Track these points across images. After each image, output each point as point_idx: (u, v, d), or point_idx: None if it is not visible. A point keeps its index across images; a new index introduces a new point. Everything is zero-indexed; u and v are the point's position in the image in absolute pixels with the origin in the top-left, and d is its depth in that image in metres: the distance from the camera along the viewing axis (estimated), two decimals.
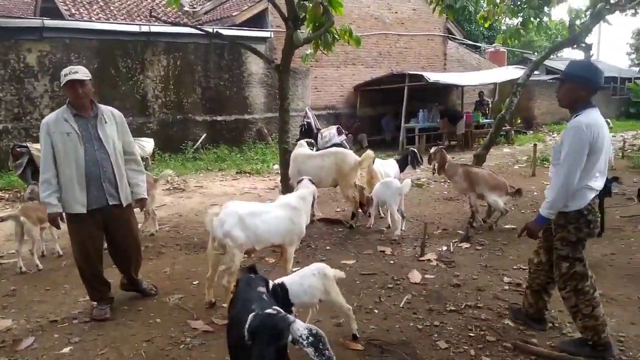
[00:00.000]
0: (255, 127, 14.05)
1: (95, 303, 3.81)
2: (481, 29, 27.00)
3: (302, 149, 7.06)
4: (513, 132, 16.47)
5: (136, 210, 4.10)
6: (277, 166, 11.17)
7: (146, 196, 3.97)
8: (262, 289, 2.57)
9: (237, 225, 3.84)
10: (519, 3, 10.03)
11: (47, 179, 3.51)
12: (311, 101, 15.07)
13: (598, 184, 3.06)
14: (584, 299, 3.10)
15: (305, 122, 14.45)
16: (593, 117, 2.95)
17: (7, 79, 10.49)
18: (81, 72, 3.54)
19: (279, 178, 8.66)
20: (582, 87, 3.00)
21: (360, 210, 6.56)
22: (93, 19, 13.41)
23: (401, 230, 6.09)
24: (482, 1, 11.21)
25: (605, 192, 6.54)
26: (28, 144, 8.45)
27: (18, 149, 8.28)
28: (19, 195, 8.81)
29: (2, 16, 13.35)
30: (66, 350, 3.34)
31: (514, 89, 10.04)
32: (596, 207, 3.13)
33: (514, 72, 16.03)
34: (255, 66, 13.83)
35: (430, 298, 4.15)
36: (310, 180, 4.58)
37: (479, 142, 15.01)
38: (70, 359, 3.25)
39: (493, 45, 21.66)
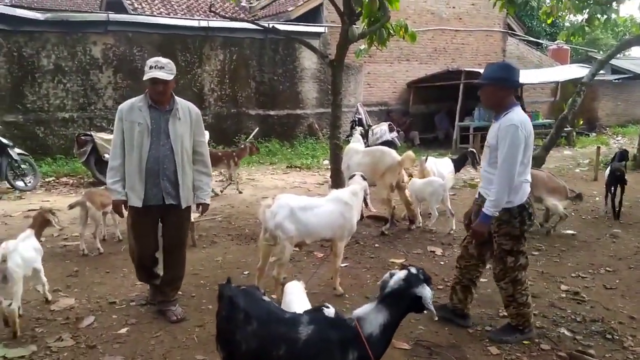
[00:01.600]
0: (307, 122, 14.13)
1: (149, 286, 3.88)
2: (543, 25, 25.92)
3: (354, 144, 7.00)
4: (575, 133, 15.73)
5: None
6: (327, 161, 11.20)
7: (209, 202, 3.79)
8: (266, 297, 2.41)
9: (288, 217, 3.87)
10: None
11: (114, 166, 3.48)
12: (363, 97, 14.99)
13: (529, 176, 3.24)
14: (520, 289, 3.26)
15: (357, 118, 14.39)
16: (522, 115, 3.10)
17: (74, 70, 11.05)
18: (166, 69, 3.38)
19: (328, 173, 8.68)
20: (500, 87, 3.12)
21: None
22: (155, 13, 13.91)
23: (451, 229, 5.96)
24: None
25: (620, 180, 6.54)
26: (92, 133, 8.88)
27: (83, 137, 8.72)
28: (82, 181, 9.30)
29: (71, 11, 14.09)
30: (123, 330, 3.50)
31: (577, 88, 9.62)
32: (532, 200, 3.29)
33: (577, 71, 15.28)
34: (308, 61, 13.90)
35: (482, 302, 4.04)
36: (362, 176, 4.55)
37: (538, 143, 14.46)
38: (127, 339, 3.40)
39: (556, 42, 20.73)
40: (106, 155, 8.41)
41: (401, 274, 2.27)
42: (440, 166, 6.97)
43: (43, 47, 10.66)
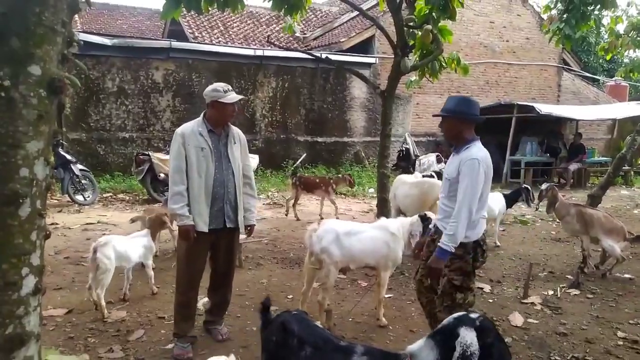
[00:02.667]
0: (354, 150, 14.22)
1: (176, 340, 3.55)
2: (600, 60, 25.20)
3: (405, 175, 6.98)
4: (633, 173, 15.03)
5: None
6: (372, 189, 11.19)
7: (255, 223, 3.86)
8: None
9: (334, 242, 3.91)
10: None
11: (179, 192, 3.42)
12: (411, 127, 14.96)
13: (485, 214, 3.22)
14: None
15: (404, 148, 14.36)
16: (482, 149, 3.06)
17: (137, 93, 11.66)
18: (235, 92, 3.55)
19: (373, 201, 8.66)
20: (459, 120, 3.09)
21: None
22: (214, 42, 14.52)
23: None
24: (603, 32, 10.52)
25: None
26: (150, 153, 9.29)
27: (141, 157, 9.13)
28: (137, 198, 9.69)
29: (136, 37, 14.95)
30: (170, 346, 3.59)
31: (637, 127, 9.24)
32: (485, 237, 3.21)
33: (636, 109, 14.70)
34: (358, 91, 14.07)
35: (533, 344, 3.88)
36: (425, 214, 4.33)
37: (594, 181, 13.91)
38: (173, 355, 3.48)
39: (613, 78, 20.07)
40: (162, 174, 8.77)
41: (457, 314, 2.19)
42: (490, 201, 6.78)
43: (109, 70, 11.34)
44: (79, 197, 8.99)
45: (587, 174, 14.45)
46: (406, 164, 14.21)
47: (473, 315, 2.14)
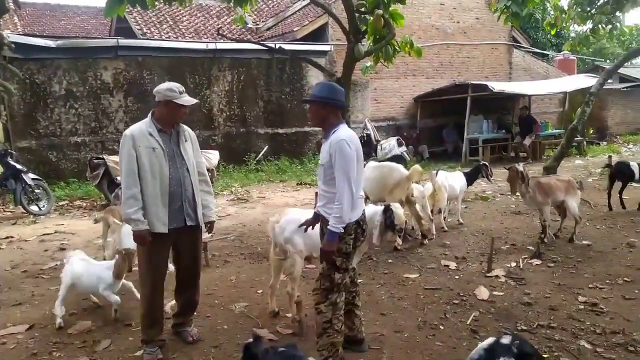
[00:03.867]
0: (315, 139, 14.19)
1: (145, 346, 3.46)
2: (548, 36, 26.00)
3: (373, 160, 7.02)
4: (585, 143, 15.63)
5: None
6: None
7: (215, 219, 3.82)
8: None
9: (296, 231, 3.90)
10: (588, 9, 9.61)
11: (133, 195, 3.30)
12: (371, 113, 15.06)
13: (363, 192, 3.30)
14: (338, 314, 3.14)
15: (365, 134, 14.44)
16: (349, 131, 3.13)
17: (86, 95, 11.24)
18: (187, 95, 3.49)
19: None
20: (323, 106, 3.14)
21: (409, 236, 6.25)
22: (163, 37, 14.14)
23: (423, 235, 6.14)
24: (549, 8, 10.84)
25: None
26: (104, 156, 9.00)
27: (95, 161, 8.84)
28: (95, 204, 9.38)
29: (82, 37, 14.39)
30: (139, 353, 3.49)
31: (586, 98, 9.60)
32: (365, 216, 3.26)
33: (584, 81, 15.26)
34: (315, 79, 14.00)
35: (500, 316, 3.99)
36: (388, 206, 4.38)
37: (548, 154, 14.39)
38: None
39: (561, 53, 20.75)
40: (118, 178, 8.50)
41: (485, 344, 2.01)
42: (451, 180, 6.94)
43: (55, 73, 10.88)
44: (34, 208, 8.63)
45: (542, 147, 14.92)
46: (368, 149, 14.28)
47: (505, 341, 1.96)
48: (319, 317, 3.13)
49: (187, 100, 3.44)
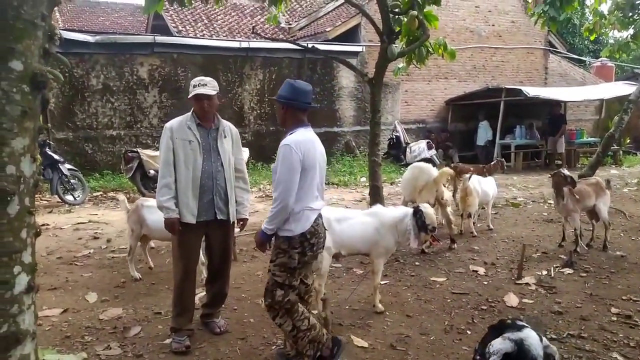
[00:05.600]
0: (344, 140, 14.20)
1: (173, 335, 3.53)
2: (586, 42, 25.33)
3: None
4: (622, 152, 15.19)
5: None
6: (364, 179, 11.20)
7: (248, 217, 3.85)
8: None
9: (326, 228, 3.92)
10: (630, 14, 9.33)
11: (167, 184, 3.42)
12: (401, 115, 14.98)
13: (319, 203, 3.04)
14: (297, 316, 2.98)
15: (394, 136, 14.40)
16: (303, 135, 2.94)
17: (122, 90, 11.52)
18: (210, 86, 3.48)
19: (366, 190, 8.67)
20: (285, 106, 3.00)
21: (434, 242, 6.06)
22: (198, 35, 14.38)
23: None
24: (588, 13, 10.56)
25: None
26: (138, 150, 9.21)
27: (129, 154, 9.05)
28: (128, 196, 9.61)
29: (120, 33, 14.77)
30: (168, 341, 3.56)
31: (624, 106, 9.33)
32: (319, 228, 3.03)
33: (622, 88, 14.85)
34: (346, 80, 14.03)
35: (529, 323, 3.89)
36: (417, 207, 4.26)
37: (583, 162, 14.03)
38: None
39: (599, 59, 20.19)
40: (152, 171, 8.72)
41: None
42: (484, 184, 6.87)
43: (92, 67, 11.19)
44: (69, 197, 8.90)
45: (577, 154, 14.57)
46: (397, 151, 14.26)
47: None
48: (282, 328, 3.04)
49: (197, 91, 3.45)
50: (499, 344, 1.91)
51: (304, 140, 2.91)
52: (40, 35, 1.88)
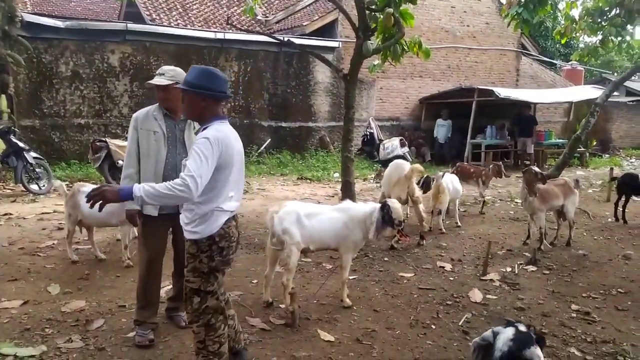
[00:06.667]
0: (318, 135, 14.20)
1: (137, 328, 3.48)
2: (557, 45, 25.94)
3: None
4: (588, 154, 15.64)
5: None
6: (337, 174, 11.23)
7: None
8: None
9: (295, 223, 3.93)
10: (599, 20, 9.59)
11: (129, 175, 3.38)
12: (375, 112, 15.06)
13: (232, 204, 2.74)
14: (213, 336, 2.77)
15: (368, 132, 14.49)
16: (222, 131, 2.64)
17: (92, 77, 11.23)
18: (166, 76, 3.36)
19: (338, 186, 8.71)
20: (200, 96, 2.65)
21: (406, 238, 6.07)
22: (172, 24, 14.12)
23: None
24: (560, 17, 10.81)
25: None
26: (107, 139, 8.99)
27: (97, 143, 8.83)
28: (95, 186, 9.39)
29: (91, 19, 14.37)
30: (132, 334, 3.50)
31: (591, 109, 9.61)
32: (231, 231, 2.75)
33: (591, 92, 15.25)
34: (321, 75, 14.01)
35: (492, 319, 4.00)
36: (384, 202, 4.26)
37: (551, 163, 14.38)
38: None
39: (569, 62, 20.72)
40: (120, 162, 8.51)
41: (508, 333, 1.95)
42: (456, 182, 6.99)
43: (62, 54, 10.87)
44: (34, 187, 8.64)
45: (545, 155, 14.93)
46: (370, 148, 14.34)
47: (522, 328, 1.95)
48: (194, 336, 2.83)
49: (152, 81, 3.38)
50: (485, 333, 2.00)
51: (223, 137, 2.61)
52: None
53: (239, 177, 2.79)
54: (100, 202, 2.43)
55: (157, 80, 3.37)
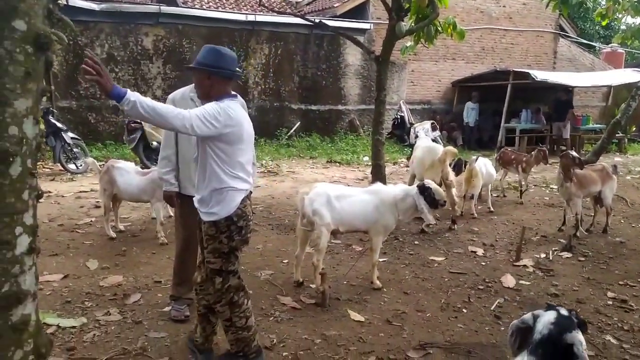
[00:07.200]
0: (348, 118, 14.13)
1: (173, 303, 3.58)
2: (597, 27, 24.97)
3: (422, 139, 7.06)
4: (627, 140, 15.08)
5: None
6: (367, 158, 11.18)
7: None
8: None
9: (325, 204, 3.95)
10: None
11: (167, 156, 3.38)
12: (406, 95, 14.86)
13: (245, 185, 2.74)
14: (238, 312, 2.79)
15: (399, 116, 14.32)
16: (232, 107, 2.60)
17: (126, 60, 11.44)
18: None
19: (368, 169, 8.67)
20: (205, 74, 2.63)
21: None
22: (204, 7, 14.18)
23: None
24: None
25: None
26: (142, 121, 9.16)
27: (133, 125, 9.00)
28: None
29: (126, 2, 14.56)
30: (167, 308, 3.62)
31: (632, 92, 9.22)
32: (248, 210, 2.77)
33: (631, 75, 14.63)
34: (352, 57, 13.89)
35: (524, 304, 3.95)
36: (423, 184, 4.26)
37: (588, 148, 13.95)
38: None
39: (610, 45, 19.90)
40: (154, 143, 8.70)
41: (550, 316, 1.89)
42: (490, 167, 6.88)
43: (97, 36, 11.09)
44: (71, 166, 8.91)
45: (582, 140, 14.48)
46: (401, 132, 14.19)
47: (564, 312, 1.89)
48: (219, 315, 2.86)
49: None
50: (525, 316, 1.98)
51: (232, 111, 2.59)
52: None
53: (249, 158, 2.79)
54: (93, 77, 2.21)
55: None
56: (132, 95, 2.29)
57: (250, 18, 12.57)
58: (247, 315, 2.84)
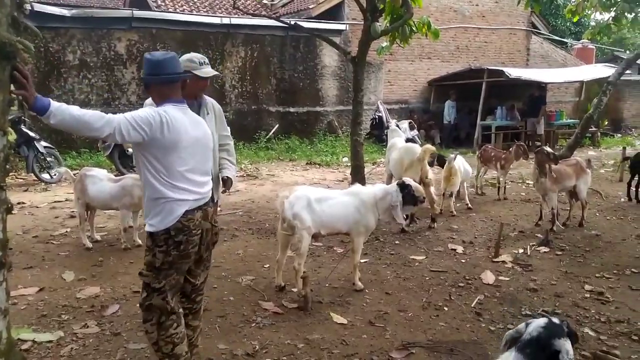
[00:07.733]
0: (326, 120, 14.14)
1: None
2: (568, 24, 25.49)
3: (395, 139, 6.99)
4: (599, 134, 15.44)
5: None
6: (346, 159, 11.21)
7: (233, 176, 3.63)
8: None
9: (305, 208, 3.93)
10: None
11: None
12: (383, 95, 14.95)
13: (189, 196, 2.54)
14: (164, 336, 2.56)
15: (377, 116, 14.38)
16: (169, 112, 2.49)
17: (99, 66, 11.23)
18: (208, 64, 3.36)
19: (348, 170, 8.69)
20: (144, 82, 2.69)
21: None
22: (178, 10, 14.05)
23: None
24: None
25: None
26: None
27: None
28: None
29: (97, 7, 14.33)
30: None
31: (603, 87, 9.43)
32: (192, 223, 2.54)
33: (602, 71, 14.99)
34: (329, 59, 13.91)
35: (504, 300, 4.00)
36: (403, 182, 4.26)
37: (562, 143, 14.23)
38: None
39: (580, 41, 20.35)
40: (130, 150, 8.55)
41: (540, 322, 1.94)
42: (466, 164, 6.95)
43: (69, 43, 10.87)
44: (45, 176, 8.71)
45: (556, 136, 14.76)
46: (379, 132, 14.24)
47: (556, 320, 1.94)
48: (146, 336, 2.65)
49: (207, 72, 3.32)
50: (519, 325, 2.01)
51: (167, 117, 2.46)
52: (7, 2, 1.80)
53: (195, 166, 2.59)
54: (20, 91, 2.15)
55: (210, 72, 3.33)
56: (57, 106, 2.19)
57: (225, 21, 12.48)
58: (174, 342, 2.58)
